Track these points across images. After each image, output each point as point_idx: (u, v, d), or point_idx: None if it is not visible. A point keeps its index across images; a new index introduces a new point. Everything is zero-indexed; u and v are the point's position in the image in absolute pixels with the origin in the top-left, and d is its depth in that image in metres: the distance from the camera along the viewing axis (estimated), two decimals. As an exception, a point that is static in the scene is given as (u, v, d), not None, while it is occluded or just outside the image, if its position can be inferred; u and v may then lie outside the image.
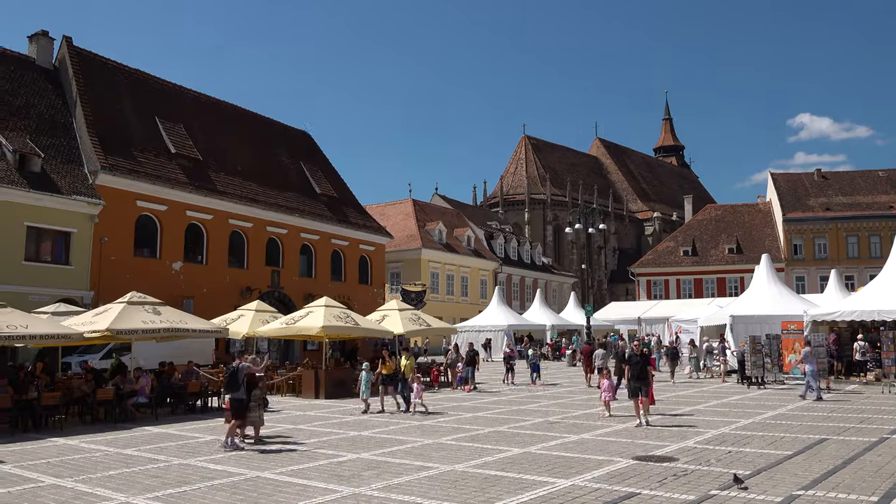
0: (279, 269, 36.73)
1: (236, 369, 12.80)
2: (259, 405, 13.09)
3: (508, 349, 27.84)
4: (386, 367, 17.76)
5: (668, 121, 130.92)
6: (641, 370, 14.05)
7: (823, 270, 51.86)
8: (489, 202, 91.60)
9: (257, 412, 12.93)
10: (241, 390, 12.52)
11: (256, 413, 12.89)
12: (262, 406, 13.30)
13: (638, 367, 14.11)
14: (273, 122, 43.88)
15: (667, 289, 64.86)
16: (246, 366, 12.85)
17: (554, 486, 8.76)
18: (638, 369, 14.08)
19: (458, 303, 57.84)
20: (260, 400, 13.15)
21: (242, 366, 12.82)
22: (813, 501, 7.68)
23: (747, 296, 29.35)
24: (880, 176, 67.02)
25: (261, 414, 13.17)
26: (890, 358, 20.29)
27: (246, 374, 12.83)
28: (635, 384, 13.97)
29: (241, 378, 12.60)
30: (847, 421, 14.08)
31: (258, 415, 12.99)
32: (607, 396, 15.63)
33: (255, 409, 12.82)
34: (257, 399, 13.03)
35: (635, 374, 14.05)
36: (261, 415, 13.15)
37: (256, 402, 12.93)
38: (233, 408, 12.54)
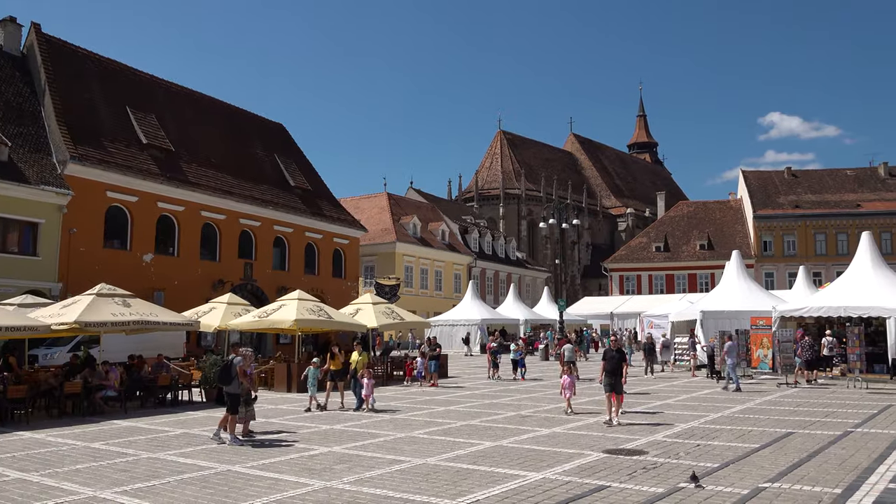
0: (252, 261, 36.44)
1: (230, 363, 12.57)
2: (246, 400, 12.71)
3: (495, 343, 27.64)
4: (335, 363, 17.19)
5: (643, 117, 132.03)
6: (617, 366, 13.66)
7: (792, 267, 52.68)
8: (464, 196, 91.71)
9: (243, 408, 12.57)
10: (235, 384, 12.27)
11: (243, 409, 12.53)
12: (248, 402, 12.77)
13: (614, 362, 13.71)
14: (248, 114, 43.44)
15: (639, 284, 65.53)
16: (239, 360, 12.49)
17: (525, 479, 8.81)
18: (613, 365, 13.68)
19: (432, 297, 57.86)
20: (248, 395, 12.75)
21: (237, 359, 12.51)
22: (779, 494, 7.81)
23: (718, 291, 29.75)
24: (848, 175, 68.29)
25: (248, 410, 12.75)
26: (855, 353, 20.68)
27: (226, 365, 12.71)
28: (610, 380, 13.59)
29: (234, 372, 12.35)
30: (812, 415, 14.34)
31: (245, 410, 12.59)
32: (567, 394, 15.11)
33: (242, 403, 12.53)
34: (247, 394, 12.73)
35: (610, 370, 13.64)
36: (249, 411, 12.76)
37: (245, 397, 12.62)
38: (227, 402, 12.33)
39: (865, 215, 61.49)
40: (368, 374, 16.58)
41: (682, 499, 7.66)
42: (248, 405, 12.69)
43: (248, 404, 12.70)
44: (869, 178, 67.27)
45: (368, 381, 16.40)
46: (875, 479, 8.30)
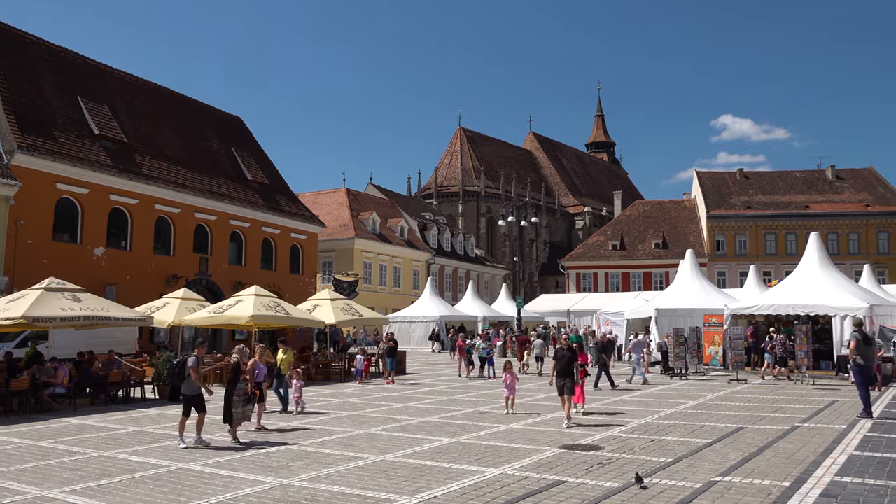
0: (207, 256, 35.83)
1: (183, 362, 12.08)
2: (242, 400, 11.83)
3: (470, 340, 27.42)
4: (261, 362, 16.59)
5: (601, 117, 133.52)
6: (568, 365, 13.09)
7: (743, 266, 53.99)
8: (423, 193, 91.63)
9: (240, 408, 11.74)
10: (189, 384, 11.59)
11: (240, 409, 11.73)
12: (245, 401, 11.92)
13: (564, 361, 13.11)
14: (204, 106, 42.67)
15: (595, 282, 66.37)
16: (193, 359, 11.78)
17: (483, 474, 8.86)
18: (564, 364, 13.10)
19: (391, 293, 57.72)
20: (243, 395, 11.88)
21: (190, 359, 11.83)
22: (730, 487, 8.00)
23: (672, 290, 30.33)
24: (797, 177, 70.23)
25: (245, 410, 11.93)
26: (803, 350, 21.28)
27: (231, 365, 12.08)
28: (561, 381, 12.99)
29: (186, 371, 11.72)
30: (762, 410, 14.72)
31: (240, 411, 11.77)
32: (507, 393, 14.62)
33: (238, 404, 11.68)
34: (240, 394, 11.82)
35: (562, 370, 13.04)
36: (245, 411, 11.93)
37: (240, 396, 11.78)
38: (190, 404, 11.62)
39: (813, 216, 63.30)
40: (297, 375, 15.67)
41: (637, 493, 7.79)
42: (245, 404, 11.94)
43: (246, 403, 11.96)
44: (817, 181, 69.25)
45: (297, 382, 15.47)
46: (821, 473, 8.56)
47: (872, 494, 7.49)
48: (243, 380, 11.99)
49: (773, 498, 7.46)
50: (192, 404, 11.55)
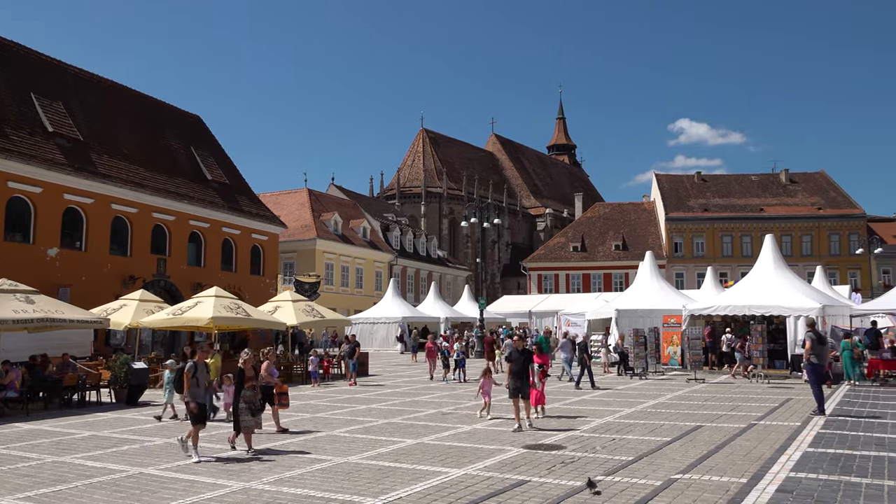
0: (166, 257, 35.22)
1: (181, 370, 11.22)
2: (249, 408, 11.04)
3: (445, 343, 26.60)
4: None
5: (562, 120, 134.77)
6: (523, 368, 12.73)
7: (701, 267, 54.96)
8: (386, 194, 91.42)
9: (247, 416, 10.95)
10: (195, 391, 10.70)
11: (247, 418, 10.95)
12: (253, 410, 11.10)
13: (519, 363, 12.72)
14: (163, 105, 41.94)
15: (557, 283, 66.96)
16: (190, 365, 10.94)
17: (447, 475, 8.87)
18: (518, 367, 12.70)
19: (353, 294, 57.43)
20: (251, 402, 11.08)
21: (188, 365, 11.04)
22: (689, 484, 8.15)
23: (632, 291, 30.74)
24: (752, 180, 71.86)
25: (255, 420, 11.14)
26: (758, 350, 21.76)
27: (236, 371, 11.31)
28: (515, 383, 12.57)
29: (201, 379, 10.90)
30: (720, 409, 15.01)
31: (248, 419, 10.98)
32: (486, 398, 14.35)
33: (245, 412, 10.94)
34: (247, 401, 11.04)
35: (516, 373, 12.63)
36: (255, 420, 11.16)
37: (246, 404, 11.01)
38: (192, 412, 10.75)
39: (768, 219, 64.80)
40: (228, 381, 14.25)
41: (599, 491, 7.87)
42: (254, 413, 11.12)
43: (254, 412, 11.14)
44: (771, 184, 70.93)
45: (228, 387, 14.11)
46: (777, 469, 8.77)
47: (826, 489, 7.70)
48: (250, 387, 11.13)
49: (731, 494, 7.61)
50: (203, 412, 10.76)
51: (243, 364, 11.27)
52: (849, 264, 63.32)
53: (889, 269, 63.21)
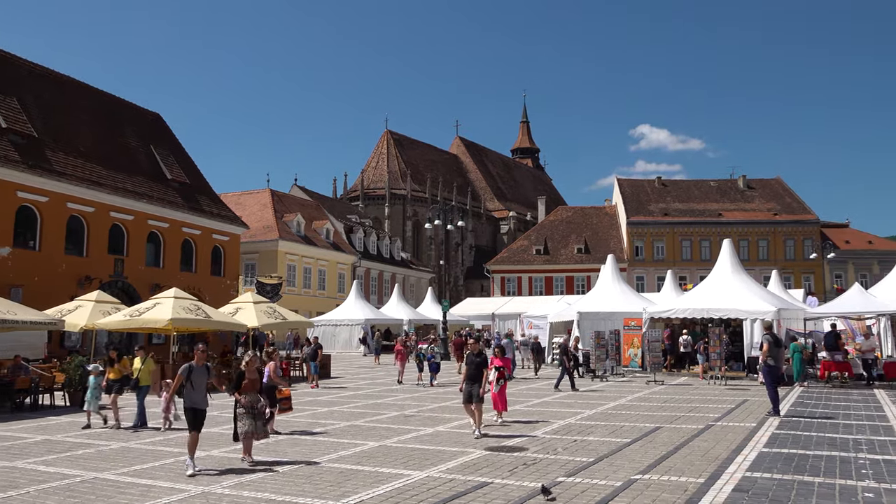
0: (123, 257, 34.51)
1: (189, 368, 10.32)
2: (250, 414, 10.25)
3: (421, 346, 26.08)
4: (113, 371, 14.52)
5: (526, 124, 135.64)
6: (478, 372, 12.37)
7: (661, 271, 55.81)
8: (349, 195, 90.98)
9: (246, 422, 10.18)
10: (193, 395, 9.93)
11: (245, 423, 10.19)
12: (253, 415, 10.30)
13: (473, 367, 12.37)
14: (121, 102, 41.10)
15: (520, 286, 67.33)
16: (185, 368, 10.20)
17: (409, 478, 8.85)
18: (473, 370, 12.34)
19: (316, 296, 56.99)
20: (250, 407, 10.28)
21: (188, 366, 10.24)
22: (649, 484, 8.26)
23: (593, 293, 31.05)
24: (711, 185, 73.22)
25: (255, 425, 10.28)
26: (716, 352, 22.14)
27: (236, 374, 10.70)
28: (470, 387, 12.25)
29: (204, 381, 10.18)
30: (678, 410, 15.25)
31: (247, 425, 10.19)
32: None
33: (243, 417, 10.20)
34: (246, 406, 10.27)
35: (471, 377, 12.30)
36: (255, 426, 10.28)
37: (247, 409, 10.25)
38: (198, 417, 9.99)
39: (726, 224, 66.06)
40: (165, 385, 13.88)
41: (560, 493, 7.94)
42: (254, 418, 10.29)
43: (254, 417, 10.30)
44: (730, 190, 72.36)
45: (165, 394, 13.72)
46: (734, 469, 8.94)
47: (780, 488, 7.88)
48: (252, 390, 10.46)
49: (689, 494, 7.74)
50: (199, 418, 9.96)
51: (245, 366, 10.69)
52: (803, 269, 64.90)
53: (841, 273, 64.96)
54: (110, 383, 14.35)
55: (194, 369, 10.05)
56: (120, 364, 14.79)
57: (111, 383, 14.34)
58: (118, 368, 14.69)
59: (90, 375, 14.41)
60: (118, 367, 14.72)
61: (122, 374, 14.65)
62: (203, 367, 10.20)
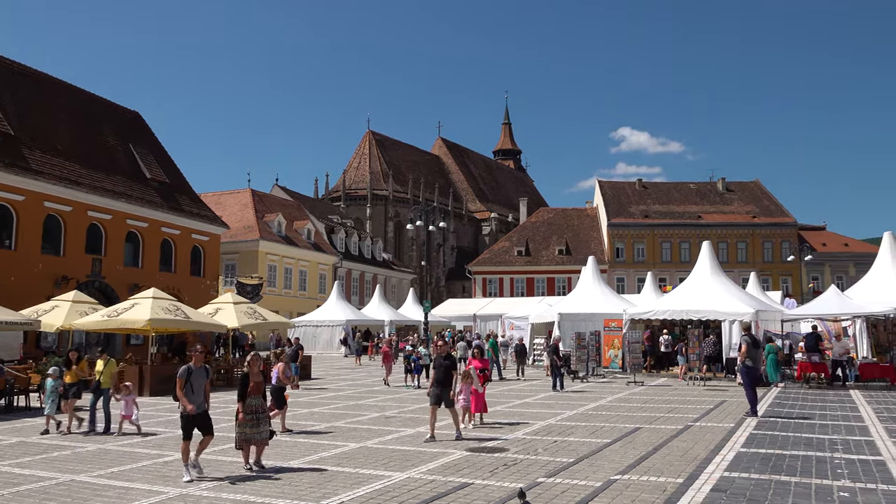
0: (101, 257, 34.13)
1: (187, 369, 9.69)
2: (254, 419, 9.64)
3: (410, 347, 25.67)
4: (70, 374, 13.94)
5: (508, 125, 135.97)
6: (446, 375, 12.12)
7: (641, 273, 56.13)
8: (331, 196, 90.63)
9: (247, 428, 9.60)
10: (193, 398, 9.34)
11: (246, 430, 9.60)
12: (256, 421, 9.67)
13: (441, 370, 12.15)
14: (100, 100, 40.64)
15: (501, 287, 67.42)
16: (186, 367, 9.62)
17: (390, 479, 8.83)
18: (441, 374, 12.13)
19: (296, 297, 56.72)
20: (253, 412, 9.69)
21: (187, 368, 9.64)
22: (628, 485, 8.30)
23: (574, 295, 31.17)
24: (691, 188, 73.81)
25: (259, 431, 9.66)
26: (695, 353, 22.33)
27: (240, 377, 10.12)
28: (437, 391, 12.02)
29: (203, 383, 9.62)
30: (658, 411, 15.35)
31: (247, 432, 9.60)
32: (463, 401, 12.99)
33: (246, 423, 9.58)
34: (249, 411, 9.67)
35: (439, 380, 12.07)
36: (258, 433, 9.66)
37: (249, 414, 9.65)
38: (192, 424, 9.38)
39: (706, 226, 66.61)
40: (127, 389, 13.33)
41: (541, 493, 7.96)
42: (256, 424, 9.64)
43: (257, 422, 9.66)
44: (709, 192, 72.99)
45: (127, 396, 13.18)
46: (712, 469, 9.02)
47: (757, 488, 7.96)
48: (254, 395, 9.80)
49: (668, 494, 7.79)
50: (197, 425, 9.34)
51: (249, 368, 10.09)
52: (781, 271, 65.62)
53: (818, 275, 65.75)
54: (66, 387, 13.79)
55: (193, 371, 9.51)
56: (78, 367, 14.18)
57: (67, 387, 13.80)
58: (75, 371, 14.07)
59: (48, 379, 13.89)
60: (76, 369, 14.09)
61: (80, 377, 14.09)
62: (202, 369, 9.67)
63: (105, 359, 13.89)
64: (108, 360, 13.89)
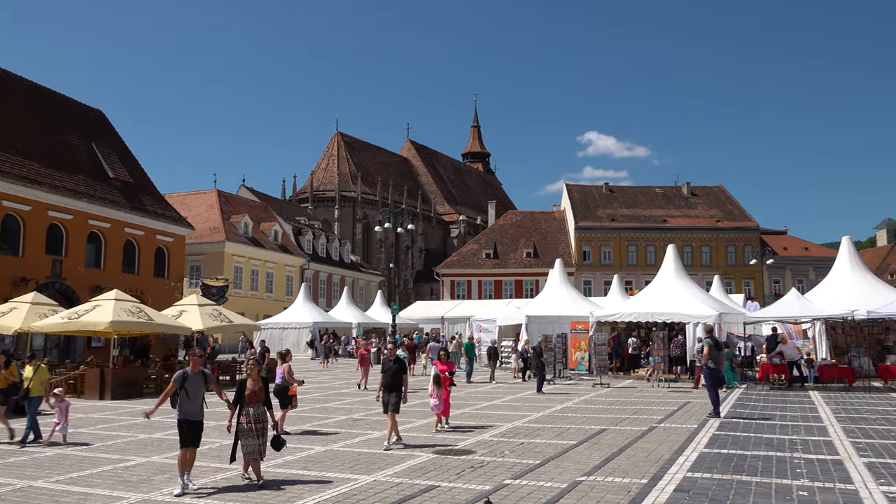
0: (62, 258, 33.41)
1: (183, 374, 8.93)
2: (255, 430, 9.03)
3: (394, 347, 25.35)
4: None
5: (476, 128, 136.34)
6: (395, 379, 11.65)
7: (607, 275, 56.68)
8: (299, 197, 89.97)
9: (248, 440, 8.97)
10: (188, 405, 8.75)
11: (248, 441, 8.97)
12: (258, 430, 9.07)
13: (390, 375, 11.63)
14: (61, 97, 39.79)
15: (469, 289, 67.59)
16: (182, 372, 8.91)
17: (356, 482, 8.78)
18: (390, 378, 11.62)
19: (263, 299, 56.19)
20: (254, 421, 9.08)
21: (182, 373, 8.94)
22: (593, 486, 8.37)
23: (542, 297, 31.38)
24: (656, 192, 74.83)
25: (258, 443, 9.00)
26: (659, 355, 22.61)
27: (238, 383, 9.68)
28: (387, 395, 11.55)
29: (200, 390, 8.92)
30: (623, 413, 15.51)
31: (248, 444, 8.96)
32: (434, 405, 13.10)
33: (246, 434, 8.99)
34: (250, 419, 9.07)
35: (388, 385, 11.60)
36: (258, 444, 9.00)
37: (250, 423, 9.04)
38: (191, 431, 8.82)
39: (671, 230, 67.58)
40: (58, 397, 12.53)
41: (507, 495, 7.98)
42: (257, 435, 9.02)
43: (258, 433, 9.03)
44: (674, 196, 74.05)
45: (59, 404, 12.41)
46: (675, 469, 9.14)
47: (720, 488, 8.08)
48: (253, 402, 9.19)
49: (633, 495, 7.87)
50: (193, 432, 8.77)
51: (249, 372, 9.45)
52: (743, 274, 66.82)
53: (779, 278, 67.10)
54: None
55: (189, 376, 8.81)
56: (7, 371, 13.23)
57: None
58: (4, 376, 13.16)
59: None
60: (5, 374, 13.17)
61: (10, 382, 13.16)
62: (199, 374, 8.95)
63: (35, 364, 13.19)
64: (38, 367, 13.17)
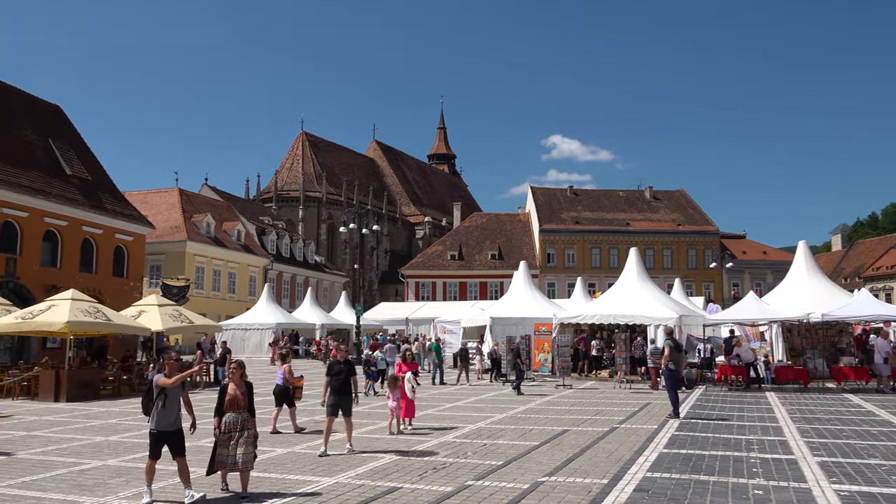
0: (16, 256, 32.54)
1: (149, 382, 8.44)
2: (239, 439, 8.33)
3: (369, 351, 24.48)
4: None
5: (443, 130, 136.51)
6: (345, 382, 11.21)
7: (571, 278, 57.22)
8: (262, 197, 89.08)
9: (227, 448, 8.32)
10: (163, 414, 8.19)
11: (226, 449, 8.31)
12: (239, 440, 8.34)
13: (340, 378, 11.17)
14: (16, 91, 38.79)
15: (434, 290, 67.62)
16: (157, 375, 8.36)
17: (318, 484, 8.72)
18: (340, 381, 11.17)
19: (225, 299, 55.48)
20: (235, 428, 8.41)
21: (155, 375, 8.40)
22: (555, 486, 8.43)
23: (506, 299, 31.53)
24: (620, 196, 75.77)
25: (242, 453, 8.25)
26: (621, 357, 22.88)
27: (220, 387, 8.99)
28: (334, 400, 11.13)
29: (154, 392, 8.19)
30: (585, 413, 15.65)
31: (227, 453, 8.29)
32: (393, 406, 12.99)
33: (225, 443, 8.35)
34: (229, 427, 8.42)
35: (337, 388, 11.15)
36: (242, 454, 8.24)
37: (230, 430, 8.41)
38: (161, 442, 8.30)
39: (633, 233, 68.46)
40: None
41: (469, 496, 8.00)
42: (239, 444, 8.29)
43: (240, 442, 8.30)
44: (637, 200, 75.07)
45: None
46: (636, 470, 9.25)
47: (678, 487, 8.21)
48: (234, 408, 8.55)
49: (594, 495, 7.95)
50: (167, 442, 8.22)
51: (231, 376, 8.91)
52: (703, 277, 68.00)
53: (738, 282, 68.41)
54: None
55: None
56: None
57: None
58: None
59: None
60: None
61: None
62: None
63: None
64: None
